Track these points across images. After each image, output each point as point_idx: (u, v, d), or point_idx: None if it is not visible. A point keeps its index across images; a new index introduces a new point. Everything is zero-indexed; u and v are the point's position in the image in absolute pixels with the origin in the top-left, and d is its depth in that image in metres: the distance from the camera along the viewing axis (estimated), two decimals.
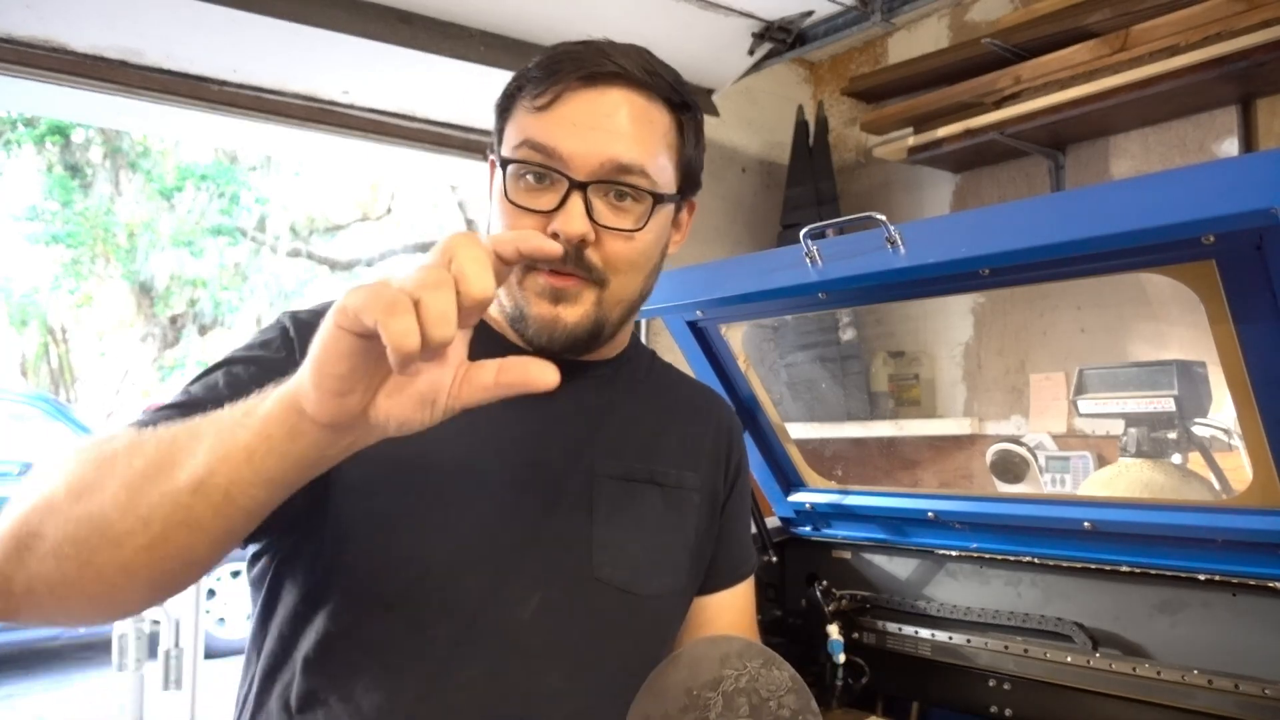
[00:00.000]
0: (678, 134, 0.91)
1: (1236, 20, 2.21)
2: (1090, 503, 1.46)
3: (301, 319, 0.89)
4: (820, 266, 1.18)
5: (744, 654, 0.76)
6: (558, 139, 0.84)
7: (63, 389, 10.67)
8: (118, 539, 0.63)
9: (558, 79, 0.85)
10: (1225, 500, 1.43)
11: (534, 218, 0.84)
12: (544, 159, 0.84)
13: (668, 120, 0.90)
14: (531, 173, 0.85)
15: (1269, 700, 1.08)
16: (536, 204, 0.84)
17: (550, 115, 0.85)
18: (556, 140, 0.84)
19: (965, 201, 3.29)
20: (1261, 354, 1.01)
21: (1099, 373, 2.08)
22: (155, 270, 10.29)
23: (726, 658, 0.76)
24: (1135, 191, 0.95)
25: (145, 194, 9.96)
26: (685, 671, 0.75)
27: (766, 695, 0.73)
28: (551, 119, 0.85)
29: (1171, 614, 1.24)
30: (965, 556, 1.47)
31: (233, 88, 2.67)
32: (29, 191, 9.68)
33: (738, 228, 3.58)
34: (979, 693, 1.36)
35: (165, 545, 0.63)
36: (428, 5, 2.52)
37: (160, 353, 10.76)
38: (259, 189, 10.47)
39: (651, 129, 0.88)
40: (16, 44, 2.34)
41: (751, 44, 2.85)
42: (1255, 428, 1.06)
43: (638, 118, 0.87)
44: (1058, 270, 1.10)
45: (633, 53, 0.88)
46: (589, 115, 0.85)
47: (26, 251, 9.93)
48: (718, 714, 0.73)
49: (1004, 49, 2.69)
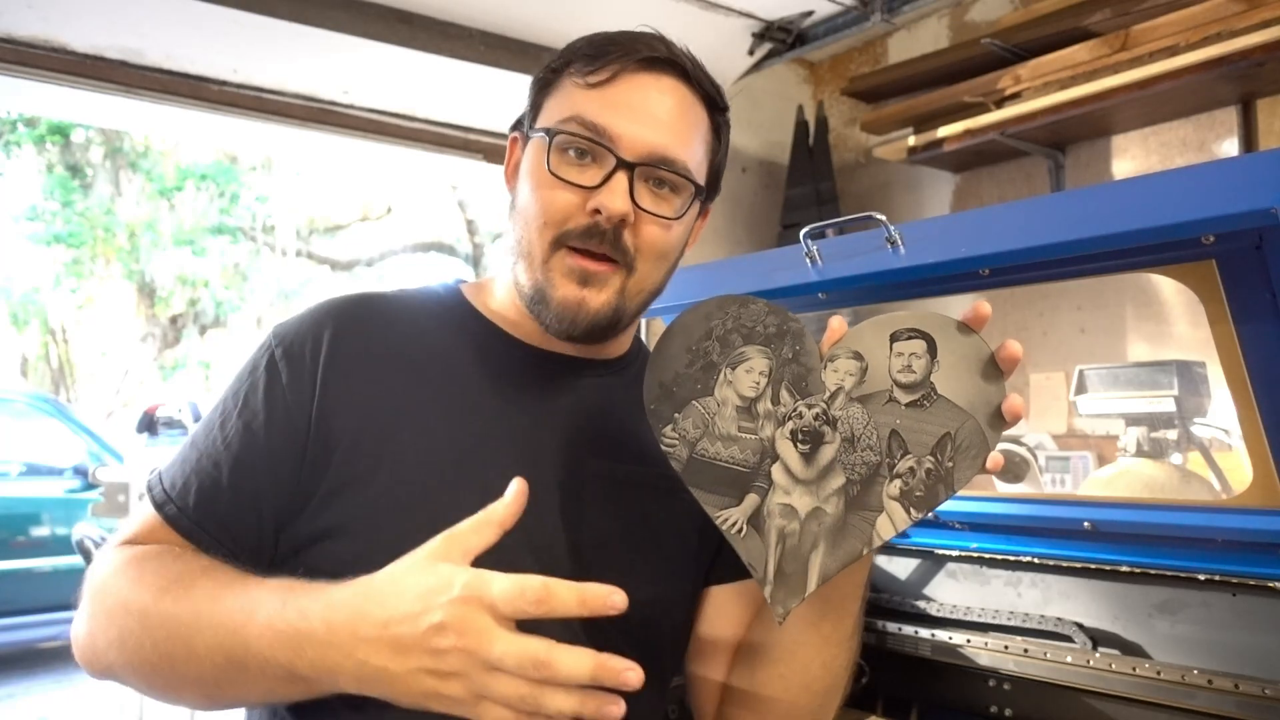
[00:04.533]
0: (714, 134, 0.91)
1: (1236, 20, 2.21)
2: (1090, 503, 1.46)
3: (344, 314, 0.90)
4: (820, 266, 1.18)
5: (722, 304, 0.83)
6: (610, 118, 0.83)
7: (63, 389, 10.67)
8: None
9: (614, 59, 0.84)
10: (1225, 500, 1.43)
11: (573, 191, 0.84)
12: (593, 135, 0.83)
13: (706, 120, 0.90)
14: (577, 147, 0.84)
15: (1269, 700, 1.08)
16: (578, 179, 0.84)
17: (604, 93, 0.84)
18: (609, 119, 0.83)
19: (965, 201, 3.29)
20: (1261, 354, 1.01)
21: (1099, 373, 2.08)
22: (156, 270, 10.30)
23: (709, 314, 0.83)
24: (1135, 191, 0.95)
25: (145, 194, 9.96)
26: (680, 338, 0.83)
27: (752, 324, 0.82)
28: (605, 97, 0.84)
29: (1171, 614, 1.24)
30: (965, 556, 1.47)
31: (233, 88, 2.67)
32: (29, 192, 9.69)
33: (738, 228, 3.58)
34: (979, 693, 1.36)
35: None
36: (428, 5, 2.52)
37: (160, 353, 10.76)
38: (259, 189, 10.47)
39: (696, 125, 0.88)
40: (17, 44, 2.34)
41: (751, 44, 2.86)
42: (1255, 428, 1.06)
43: (686, 111, 0.87)
44: (1058, 270, 1.10)
45: (682, 50, 0.89)
46: (643, 100, 0.84)
47: (27, 251, 9.94)
48: (719, 354, 0.82)
49: (1004, 49, 2.69)
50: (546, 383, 0.92)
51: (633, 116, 0.83)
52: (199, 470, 0.84)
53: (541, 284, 0.86)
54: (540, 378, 0.91)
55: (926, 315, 0.79)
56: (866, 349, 0.80)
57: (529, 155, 0.88)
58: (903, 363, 0.78)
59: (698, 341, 0.83)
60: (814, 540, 0.77)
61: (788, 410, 0.80)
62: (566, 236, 0.84)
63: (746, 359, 0.82)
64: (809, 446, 0.78)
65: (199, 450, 0.85)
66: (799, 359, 0.81)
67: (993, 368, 0.76)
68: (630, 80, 0.85)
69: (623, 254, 0.85)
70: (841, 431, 0.78)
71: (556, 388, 0.92)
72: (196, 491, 0.83)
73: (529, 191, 0.86)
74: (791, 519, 0.78)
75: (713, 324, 0.84)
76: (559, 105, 0.87)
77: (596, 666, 0.63)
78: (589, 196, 0.83)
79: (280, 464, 0.83)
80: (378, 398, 0.85)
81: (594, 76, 0.84)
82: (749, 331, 0.82)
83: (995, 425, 0.75)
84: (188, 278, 10.44)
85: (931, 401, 0.77)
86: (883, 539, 0.76)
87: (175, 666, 0.75)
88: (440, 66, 2.59)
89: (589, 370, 0.94)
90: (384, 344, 0.88)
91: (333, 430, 0.83)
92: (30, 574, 5.24)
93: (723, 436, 0.80)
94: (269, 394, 0.84)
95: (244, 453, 0.83)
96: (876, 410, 0.78)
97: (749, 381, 0.81)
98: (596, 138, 0.83)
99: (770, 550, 0.78)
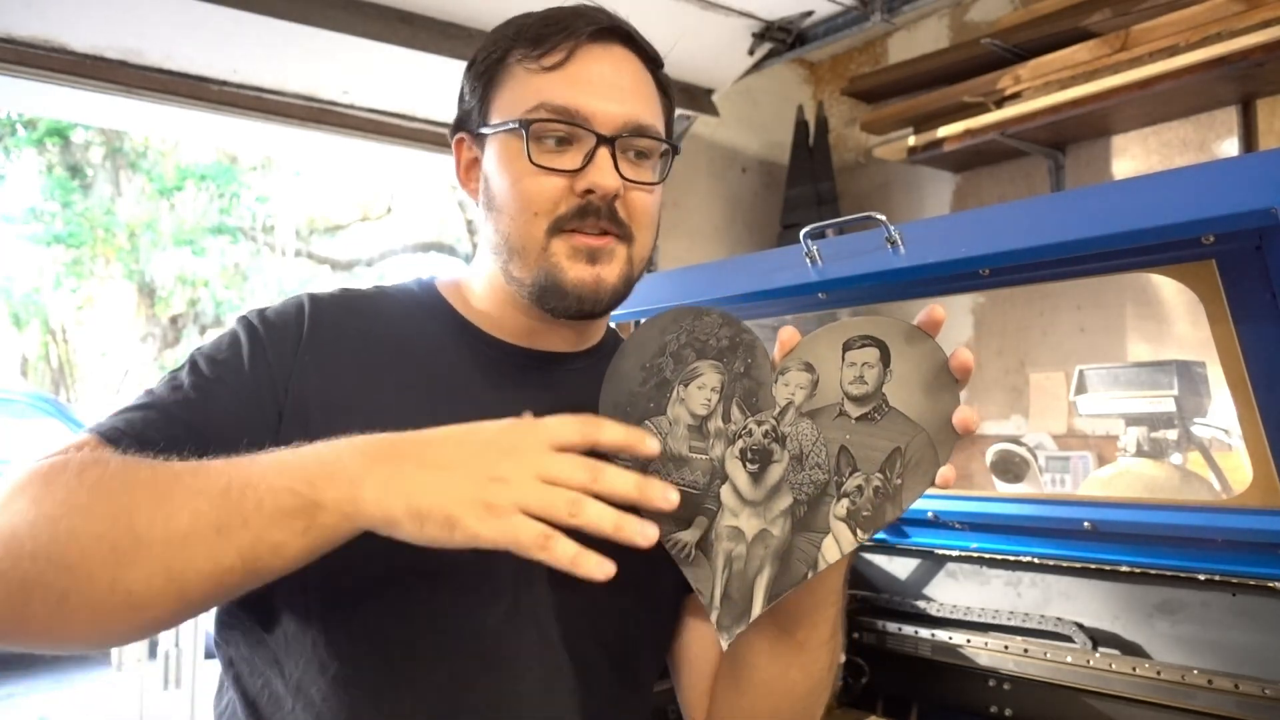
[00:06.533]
0: (662, 92, 0.91)
1: (1236, 20, 2.21)
2: (1090, 503, 1.46)
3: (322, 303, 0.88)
4: (820, 266, 1.18)
5: (677, 318, 0.82)
6: (578, 98, 0.82)
7: (63, 389, 10.67)
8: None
9: (563, 37, 0.83)
10: (1225, 500, 1.43)
11: (559, 178, 0.83)
12: (567, 118, 0.82)
13: (653, 79, 0.90)
14: (555, 134, 0.83)
15: (1269, 700, 1.08)
16: (561, 164, 0.83)
17: (565, 74, 0.83)
18: (577, 99, 0.82)
19: (965, 201, 3.29)
20: (1261, 354, 1.01)
21: (1099, 373, 2.08)
22: (156, 270, 10.30)
23: (664, 329, 0.81)
24: (1135, 191, 0.95)
25: (145, 194, 9.96)
26: (634, 355, 0.81)
27: (705, 337, 0.80)
28: (566, 77, 0.83)
29: (1171, 614, 1.24)
30: (965, 556, 1.47)
31: (233, 88, 2.67)
32: (29, 192, 9.69)
33: (738, 228, 3.58)
34: (979, 693, 1.36)
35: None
36: (428, 5, 2.52)
37: (160, 353, 10.77)
38: (259, 189, 10.48)
39: (650, 86, 0.88)
40: (16, 44, 2.34)
41: (751, 44, 2.85)
42: (1255, 428, 1.06)
43: (639, 76, 0.87)
44: (1058, 270, 1.10)
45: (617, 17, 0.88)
46: (603, 73, 0.84)
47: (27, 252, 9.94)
48: (672, 370, 0.79)
49: (1004, 49, 2.69)
50: (527, 380, 0.91)
51: (599, 92, 0.83)
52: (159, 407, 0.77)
53: (548, 271, 0.84)
54: (521, 376, 0.91)
55: (880, 321, 0.76)
56: (819, 359, 0.77)
57: (497, 151, 0.86)
58: (855, 373, 0.76)
59: (651, 358, 0.81)
60: (760, 564, 0.75)
61: (738, 428, 0.77)
62: (561, 221, 0.83)
63: (699, 374, 0.79)
64: (757, 466, 0.76)
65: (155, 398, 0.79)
66: (750, 373, 0.79)
67: (947, 376, 0.73)
68: (585, 55, 0.84)
69: (620, 226, 0.85)
70: (790, 449, 0.76)
71: (537, 385, 0.91)
72: (146, 424, 0.76)
73: (508, 185, 0.85)
74: (739, 542, 0.76)
75: (666, 339, 0.81)
76: (517, 94, 0.85)
77: (640, 483, 0.66)
78: (575, 178, 0.82)
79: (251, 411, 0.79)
80: (356, 391, 0.83)
81: (548, 59, 0.83)
82: (702, 345, 0.80)
83: (946, 438, 0.72)
84: (188, 278, 10.44)
85: (882, 414, 0.74)
86: (828, 562, 0.74)
87: (133, 521, 0.63)
88: (440, 66, 2.58)
89: (568, 364, 0.94)
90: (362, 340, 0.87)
91: (309, 412, 0.80)
92: None
93: (674, 458, 0.78)
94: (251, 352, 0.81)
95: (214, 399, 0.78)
96: (826, 425, 0.75)
97: (700, 399, 0.79)
98: (571, 119, 0.82)
99: (717, 575, 0.76)
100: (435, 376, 0.88)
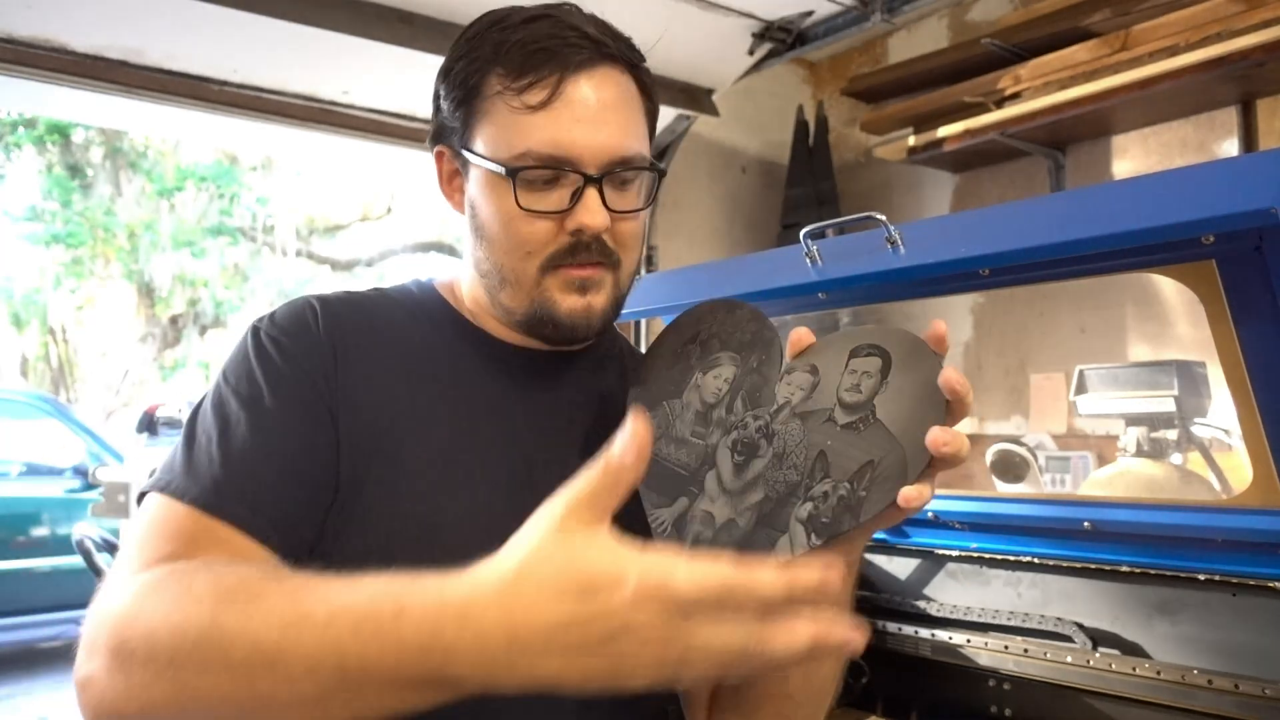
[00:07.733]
0: (642, 95, 0.89)
1: (1236, 20, 2.21)
2: (1090, 503, 1.46)
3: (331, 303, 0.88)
4: (820, 266, 1.18)
5: (714, 309, 0.87)
6: (565, 139, 0.82)
7: (63, 389, 10.67)
8: None
9: (547, 70, 0.82)
10: (1225, 500, 1.43)
11: (546, 219, 0.83)
12: (555, 164, 0.82)
13: (635, 87, 0.88)
14: (543, 179, 0.83)
15: (1269, 700, 1.08)
16: (548, 205, 0.83)
17: (550, 115, 0.82)
18: (564, 141, 0.82)
19: (965, 201, 3.29)
20: (1261, 354, 1.01)
21: (1099, 373, 2.08)
22: (155, 270, 10.30)
23: (700, 317, 0.87)
24: (1135, 191, 0.96)
25: (145, 194, 9.96)
26: (671, 338, 0.88)
27: (732, 330, 0.85)
28: (552, 117, 0.82)
29: (1171, 614, 1.24)
30: (965, 556, 1.47)
31: (233, 88, 2.67)
32: (29, 192, 9.69)
33: (738, 228, 3.58)
34: (979, 693, 1.37)
35: None
36: (428, 5, 2.52)
37: (160, 353, 10.77)
38: (259, 189, 10.47)
39: (635, 104, 0.87)
40: (16, 44, 2.34)
41: (751, 44, 2.85)
42: (1255, 428, 1.06)
43: (625, 98, 0.86)
44: (1058, 270, 1.10)
45: (593, 20, 0.86)
46: (590, 102, 0.83)
47: (27, 252, 9.94)
48: (697, 358, 0.85)
49: (1004, 49, 2.69)
50: (529, 379, 0.92)
51: (584, 127, 0.82)
52: (225, 460, 0.76)
53: (541, 304, 0.86)
54: (523, 374, 0.92)
55: (892, 332, 0.77)
56: (825, 362, 0.78)
57: (483, 183, 0.86)
58: (853, 380, 0.76)
59: (684, 344, 0.86)
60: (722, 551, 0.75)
61: (736, 419, 0.81)
62: (553, 259, 0.84)
63: (717, 365, 0.84)
64: (744, 458, 0.79)
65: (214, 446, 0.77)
66: (760, 369, 0.82)
67: (937, 396, 0.72)
68: (572, 89, 0.82)
69: (608, 255, 0.86)
70: (775, 447, 0.78)
71: (539, 384, 0.92)
72: (230, 481, 0.74)
73: (499, 225, 0.85)
74: (709, 527, 0.77)
75: (701, 327, 0.86)
76: (502, 135, 0.83)
77: (790, 580, 0.53)
78: (564, 218, 0.83)
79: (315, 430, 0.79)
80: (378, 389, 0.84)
81: (531, 96, 0.82)
82: (728, 337, 0.84)
83: (919, 458, 0.70)
84: (187, 278, 10.44)
85: (867, 425, 0.74)
86: (779, 559, 0.72)
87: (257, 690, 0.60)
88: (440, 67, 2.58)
89: (568, 363, 0.95)
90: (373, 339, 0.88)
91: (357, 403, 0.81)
92: (30, 574, 5.25)
93: (676, 439, 0.81)
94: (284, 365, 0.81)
95: (290, 432, 0.78)
96: (813, 428, 0.76)
97: (713, 388, 0.83)
98: (558, 165, 0.82)
99: None
100: (440, 375, 0.89)
